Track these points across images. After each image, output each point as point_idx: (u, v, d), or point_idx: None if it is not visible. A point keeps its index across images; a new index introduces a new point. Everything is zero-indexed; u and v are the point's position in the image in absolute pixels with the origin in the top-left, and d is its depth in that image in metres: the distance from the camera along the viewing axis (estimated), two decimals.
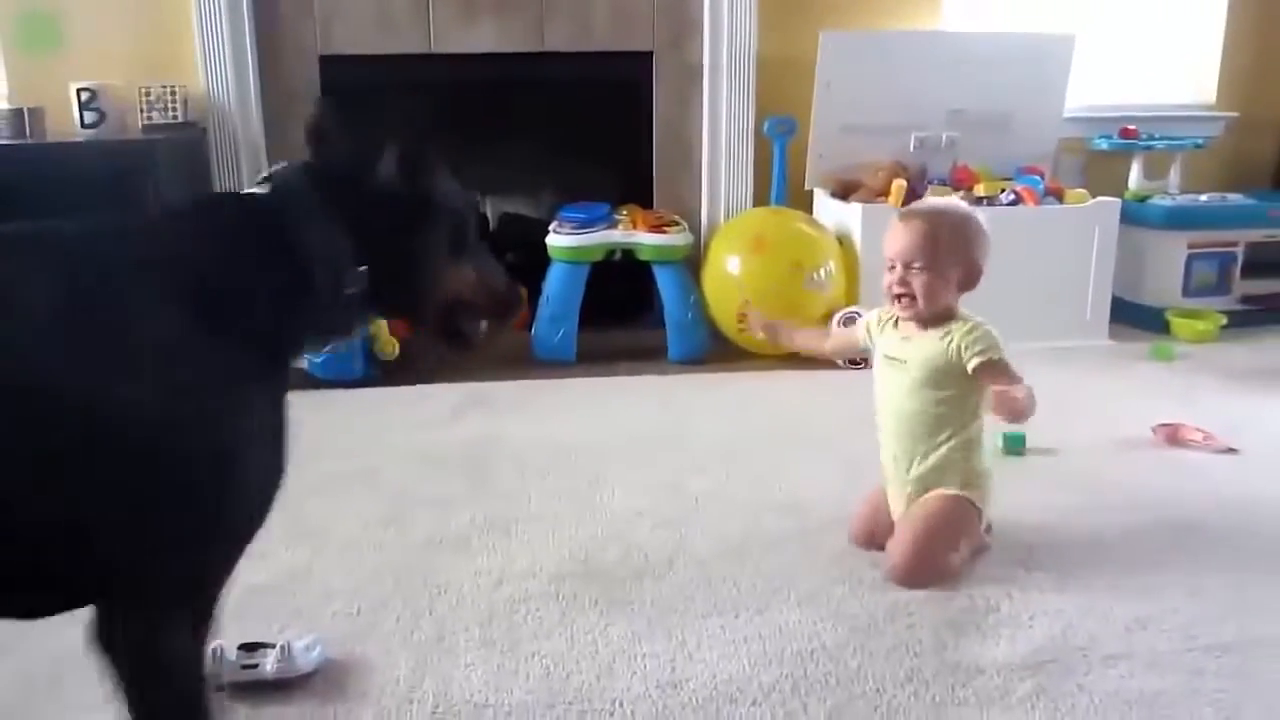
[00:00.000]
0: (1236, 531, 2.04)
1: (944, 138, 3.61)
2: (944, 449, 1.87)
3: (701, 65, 3.69)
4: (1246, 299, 3.71)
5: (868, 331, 2.01)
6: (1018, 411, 1.77)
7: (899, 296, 1.87)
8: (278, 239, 1.17)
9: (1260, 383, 3.06)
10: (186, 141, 3.39)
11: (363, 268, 1.23)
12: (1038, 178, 3.50)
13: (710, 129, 3.73)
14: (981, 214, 1.95)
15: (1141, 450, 2.49)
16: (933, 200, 1.97)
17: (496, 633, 1.68)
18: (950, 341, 1.84)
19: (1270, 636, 1.66)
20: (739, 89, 3.67)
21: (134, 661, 1.07)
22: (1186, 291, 3.66)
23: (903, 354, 1.90)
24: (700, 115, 3.74)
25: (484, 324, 1.43)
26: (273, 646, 1.53)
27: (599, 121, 3.75)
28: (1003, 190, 3.41)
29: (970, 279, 1.87)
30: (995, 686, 1.53)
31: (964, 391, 1.86)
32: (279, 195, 1.22)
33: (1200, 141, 3.91)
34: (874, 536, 1.94)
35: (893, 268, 1.87)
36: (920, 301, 1.85)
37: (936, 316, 1.87)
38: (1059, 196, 3.47)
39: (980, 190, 3.41)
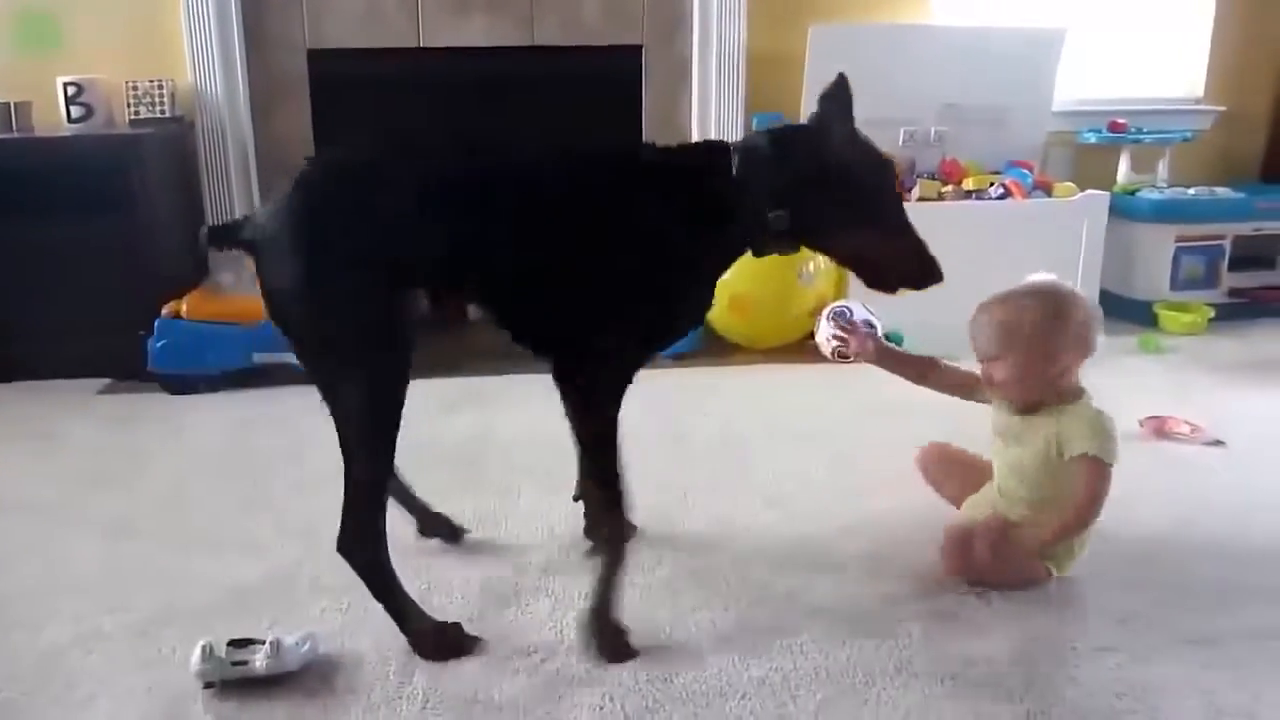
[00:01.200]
0: (1225, 524, 2.05)
1: (933, 131, 3.61)
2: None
3: (691, 60, 3.69)
4: (1234, 292, 3.72)
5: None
6: (1073, 533, 1.76)
7: (991, 386, 1.84)
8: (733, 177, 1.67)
9: (1247, 376, 3.07)
10: (173, 135, 3.38)
11: (781, 211, 1.65)
12: (1026, 171, 3.50)
13: (700, 124, 3.72)
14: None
15: (1130, 443, 2.45)
16: (1021, 285, 1.87)
17: (486, 627, 1.68)
18: (1059, 431, 1.77)
19: (1258, 628, 1.67)
20: (728, 84, 3.67)
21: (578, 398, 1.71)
22: (1175, 285, 3.67)
23: (1017, 430, 1.84)
24: (690, 110, 3.74)
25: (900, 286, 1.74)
26: (263, 643, 1.53)
27: (589, 116, 3.74)
28: (991, 184, 3.42)
29: (1070, 357, 1.79)
30: (985, 677, 1.54)
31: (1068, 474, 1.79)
32: (742, 147, 1.69)
33: (1188, 135, 3.92)
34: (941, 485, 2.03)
35: (981, 363, 1.85)
36: (1009, 391, 1.82)
37: (1043, 400, 1.80)
38: (1048, 190, 3.47)
39: (968, 184, 3.42)
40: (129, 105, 3.35)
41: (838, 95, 1.71)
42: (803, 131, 1.73)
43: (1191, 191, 3.76)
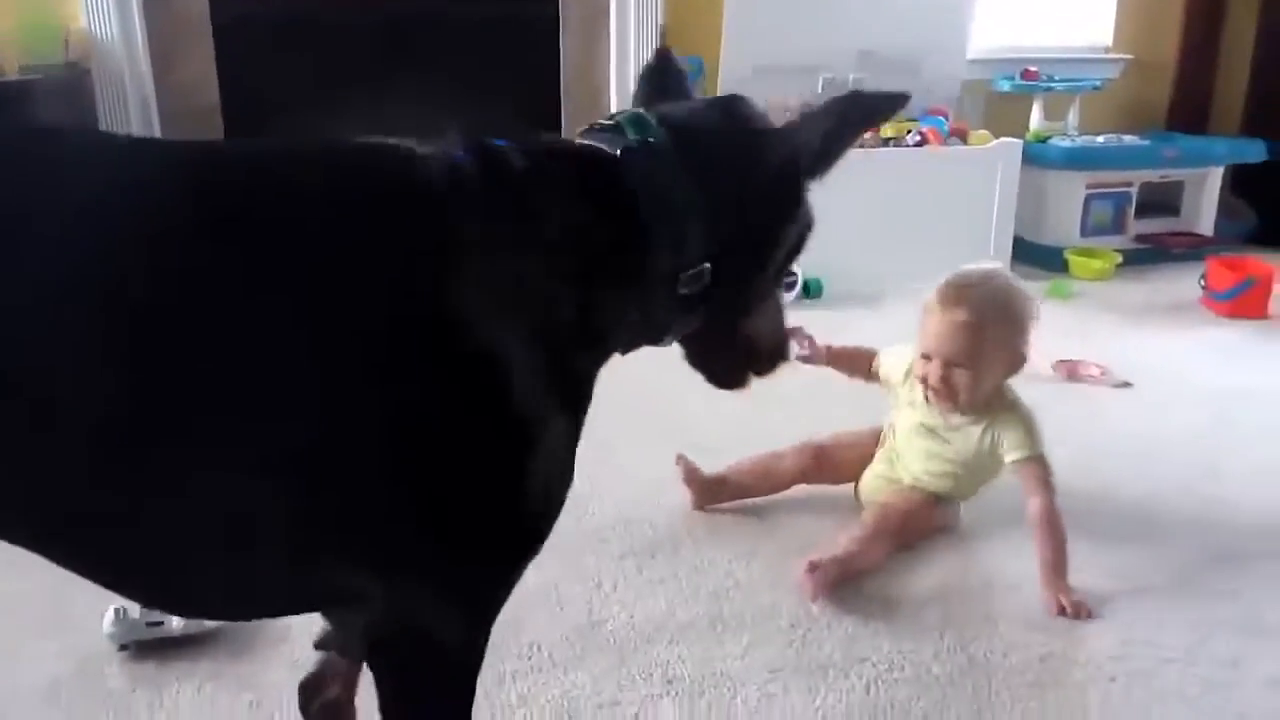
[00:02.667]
0: (1136, 464, 2.12)
1: (850, 79, 3.61)
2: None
3: (608, 4, 3.63)
4: (1140, 238, 3.83)
5: (888, 378, 1.90)
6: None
7: (937, 392, 1.74)
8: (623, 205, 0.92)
9: (1151, 319, 3.16)
10: (67, 83, 3.23)
11: (706, 265, 0.97)
12: (942, 119, 3.54)
13: (619, 70, 3.68)
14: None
15: (1044, 385, 2.54)
16: (972, 274, 1.75)
17: None
18: (992, 436, 1.75)
19: (1169, 567, 1.73)
20: (646, 29, 3.62)
21: None
22: (1084, 231, 3.76)
23: (942, 431, 1.80)
24: (609, 56, 3.68)
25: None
26: None
27: (504, 63, 3.67)
28: (908, 131, 3.44)
29: (1016, 365, 1.75)
30: (907, 616, 1.57)
31: (995, 470, 1.79)
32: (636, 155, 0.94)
33: (1097, 84, 3.99)
34: (805, 474, 1.92)
35: (928, 358, 1.74)
36: (963, 397, 1.73)
37: (977, 406, 1.76)
38: (963, 138, 3.51)
39: (886, 131, 3.44)
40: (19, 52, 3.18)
41: (669, 73, 1.14)
42: (732, 132, 1.01)
43: (1101, 139, 3.84)
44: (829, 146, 1.01)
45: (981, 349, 1.70)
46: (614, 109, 3.64)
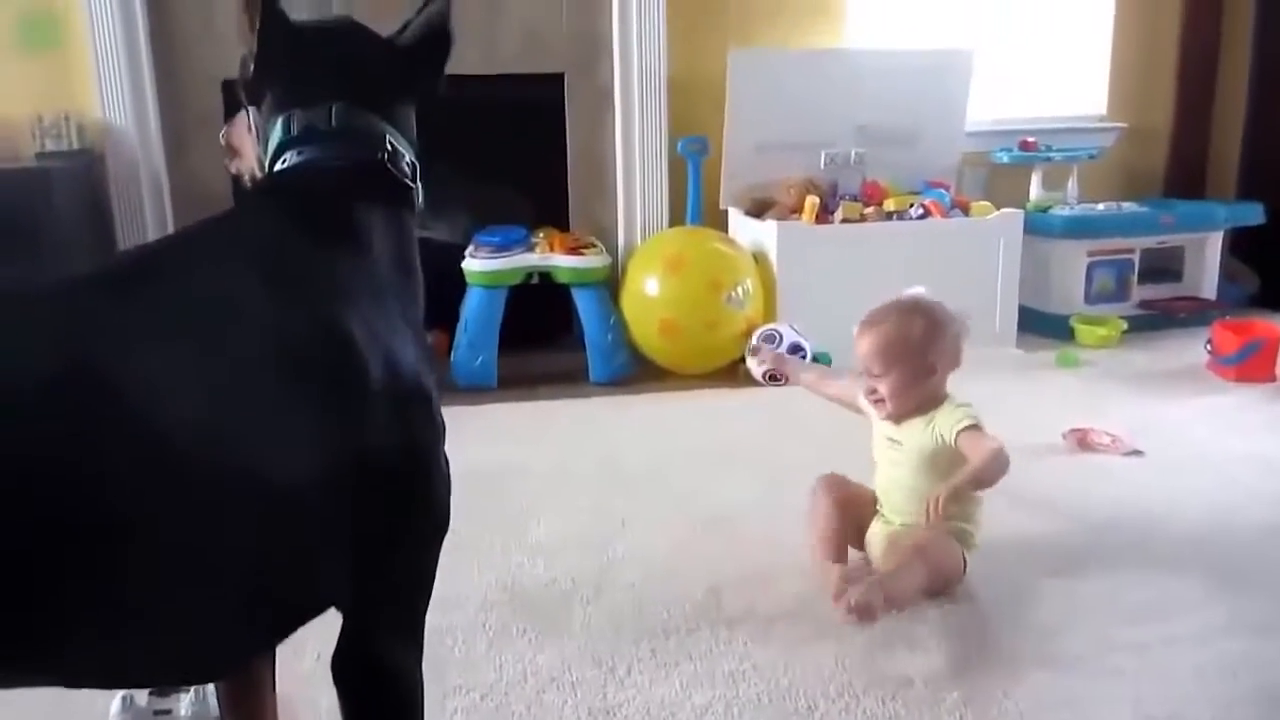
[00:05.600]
0: (1148, 531, 2.11)
1: (852, 154, 3.67)
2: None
3: (612, 87, 3.70)
4: (1144, 304, 3.84)
5: (863, 405, 2.02)
6: (987, 481, 1.81)
7: (874, 401, 1.93)
8: None
9: (1159, 385, 3.16)
10: (82, 169, 3.28)
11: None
12: (944, 191, 3.58)
13: (624, 150, 3.73)
14: (942, 310, 1.97)
15: (1055, 455, 2.56)
16: (891, 300, 1.98)
17: (424, 664, 1.64)
18: (934, 428, 1.88)
19: (1186, 634, 1.71)
20: (651, 110, 3.68)
21: None
22: (1088, 298, 3.77)
23: (897, 436, 1.94)
24: (613, 136, 3.74)
25: None
26: (187, 690, 1.48)
27: (512, 144, 3.72)
28: (911, 205, 3.48)
29: (945, 366, 1.92)
30: (924, 697, 1.55)
31: (950, 460, 1.86)
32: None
33: (1094, 153, 4.04)
34: (840, 551, 1.94)
35: (862, 375, 1.94)
36: (889, 404, 1.90)
37: (918, 407, 1.91)
38: (965, 209, 3.55)
39: (890, 205, 3.48)
40: (35, 138, 3.24)
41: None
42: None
43: (1100, 207, 3.88)
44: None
45: (896, 358, 1.88)
46: (620, 186, 3.71)
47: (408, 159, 1.15)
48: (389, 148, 1.12)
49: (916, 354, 1.89)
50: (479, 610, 1.83)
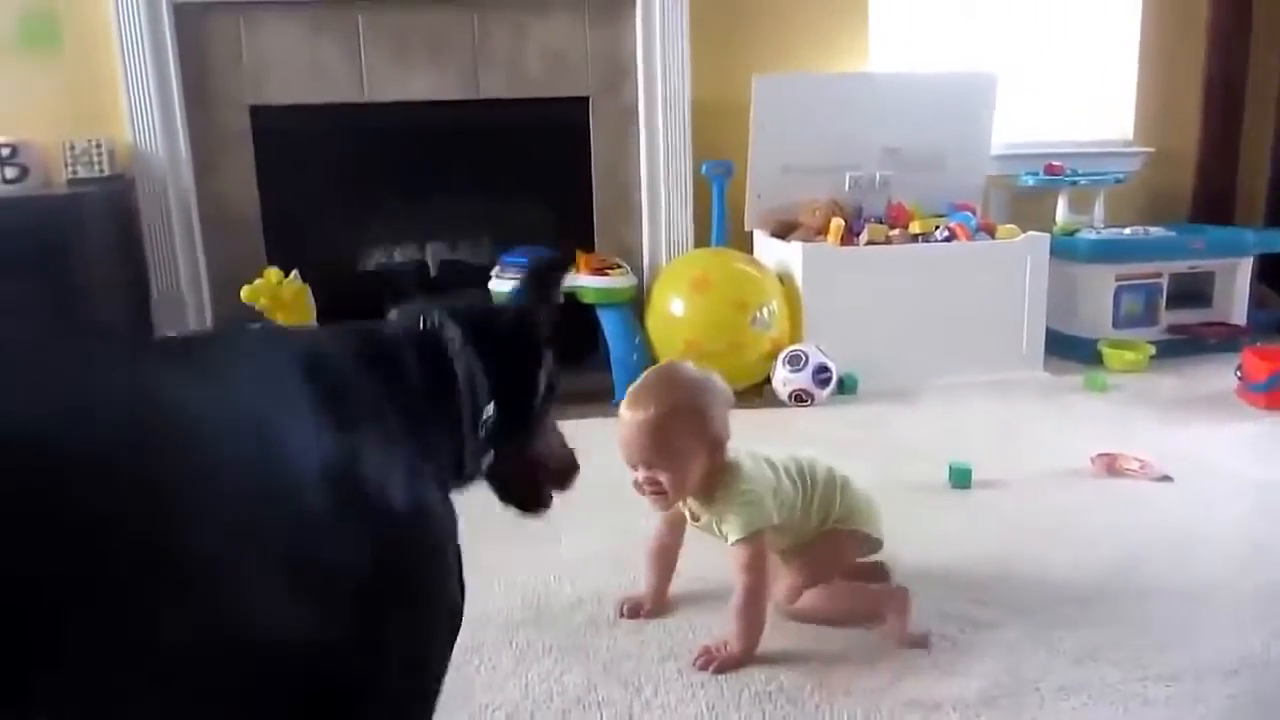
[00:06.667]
0: (1178, 558, 2.08)
1: (878, 176, 3.68)
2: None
3: (637, 110, 3.73)
4: (1172, 329, 3.81)
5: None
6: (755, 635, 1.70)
7: (653, 494, 1.74)
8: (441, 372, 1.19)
9: (1188, 411, 3.13)
10: (113, 194, 3.33)
11: (491, 404, 1.24)
12: (969, 214, 3.57)
13: (649, 172, 3.75)
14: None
15: (1082, 480, 2.53)
16: (648, 375, 1.81)
17: (448, 683, 1.63)
18: (715, 523, 1.75)
19: (1217, 663, 1.68)
20: (675, 132, 3.71)
21: None
22: (1116, 322, 3.75)
23: (698, 524, 1.81)
24: (638, 159, 3.76)
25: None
26: None
27: (538, 166, 3.76)
28: (937, 227, 3.48)
29: (717, 447, 1.73)
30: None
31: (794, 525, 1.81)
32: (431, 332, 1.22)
33: (1120, 176, 4.03)
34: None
35: (634, 468, 1.74)
36: (672, 495, 1.73)
37: (701, 494, 1.75)
38: (990, 232, 3.54)
39: (915, 228, 3.48)
40: (67, 165, 3.29)
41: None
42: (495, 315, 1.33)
43: (1128, 231, 3.86)
44: (540, 315, 1.32)
45: (669, 444, 1.68)
46: (645, 207, 3.73)
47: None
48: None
49: (699, 433, 1.70)
50: (505, 629, 1.82)
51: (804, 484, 1.82)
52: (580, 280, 3.29)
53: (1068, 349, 3.67)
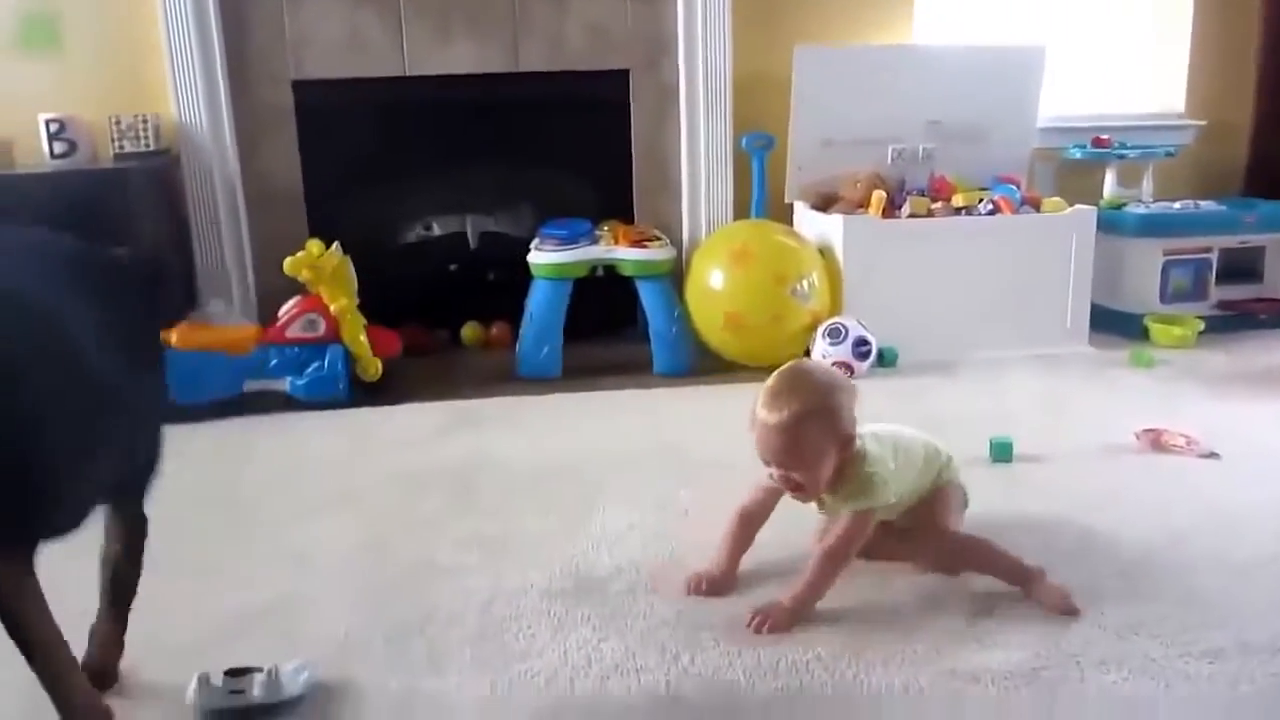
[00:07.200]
0: (1224, 535, 2.04)
1: (921, 149, 3.64)
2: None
3: (677, 83, 3.71)
4: (1222, 304, 3.74)
5: None
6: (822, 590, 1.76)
7: (793, 494, 1.81)
8: None
9: (1237, 388, 3.07)
10: (159, 169, 3.37)
11: None
12: (1014, 187, 3.52)
13: (689, 145, 3.74)
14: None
15: (1126, 456, 2.50)
16: (778, 378, 1.80)
17: (488, 652, 1.66)
18: (839, 504, 1.82)
19: (1261, 641, 1.65)
20: (716, 106, 3.69)
21: None
22: (1164, 298, 3.68)
23: (826, 515, 1.91)
24: (678, 132, 3.75)
25: None
26: (260, 671, 1.51)
27: (577, 140, 3.75)
28: (980, 200, 3.43)
29: (847, 443, 1.78)
30: (991, 695, 1.52)
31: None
32: None
33: (1171, 150, 3.95)
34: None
35: (769, 464, 1.79)
36: (809, 492, 1.79)
37: (833, 486, 1.81)
38: (1036, 206, 3.49)
39: (958, 201, 3.43)
40: (113, 140, 3.33)
41: None
42: None
43: (1176, 205, 3.79)
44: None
45: (803, 447, 1.73)
46: (684, 180, 3.72)
47: None
48: None
49: (834, 433, 1.75)
50: (543, 598, 1.83)
51: (915, 457, 1.92)
52: (619, 252, 3.28)
53: (1113, 324, 3.62)
